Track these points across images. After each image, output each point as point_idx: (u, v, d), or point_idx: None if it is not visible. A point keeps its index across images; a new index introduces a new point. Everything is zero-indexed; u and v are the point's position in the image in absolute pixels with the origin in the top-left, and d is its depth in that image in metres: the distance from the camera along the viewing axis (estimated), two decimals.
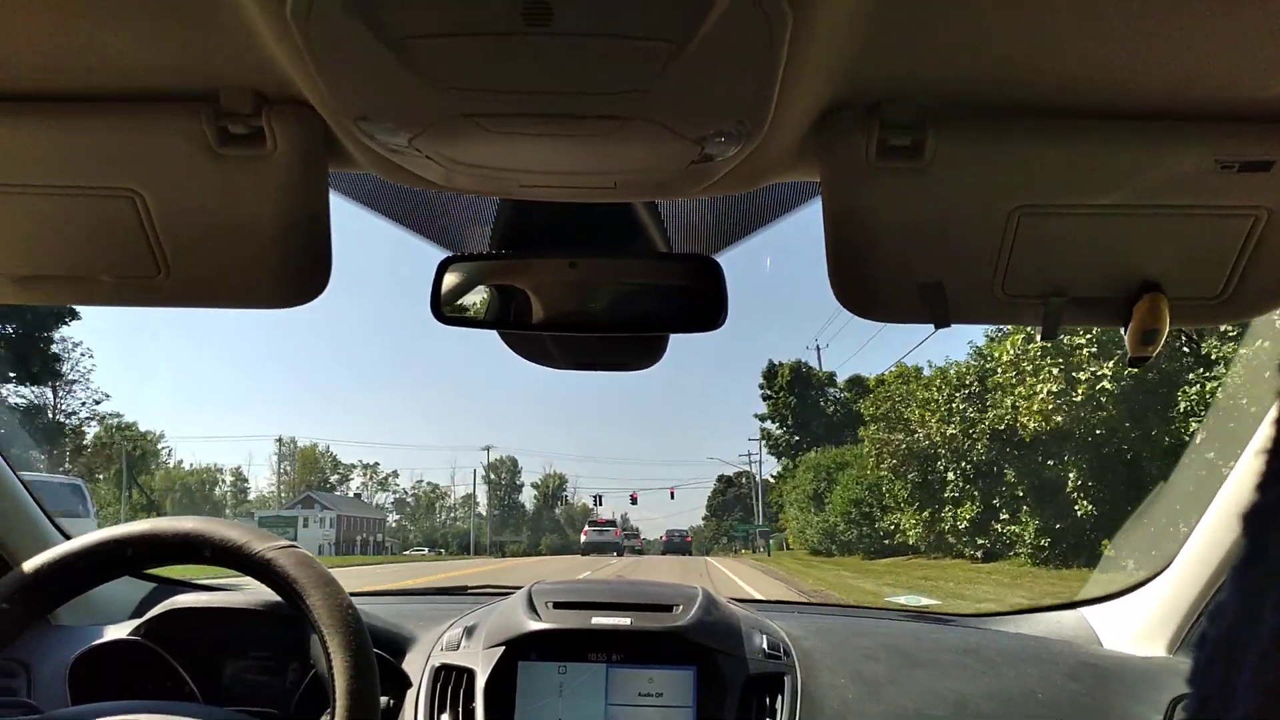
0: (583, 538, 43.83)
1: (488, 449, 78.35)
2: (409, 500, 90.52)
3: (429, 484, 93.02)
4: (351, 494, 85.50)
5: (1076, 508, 17.19)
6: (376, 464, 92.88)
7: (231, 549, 1.02)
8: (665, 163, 0.91)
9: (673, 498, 73.60)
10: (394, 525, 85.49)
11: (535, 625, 1.42)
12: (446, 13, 0.66)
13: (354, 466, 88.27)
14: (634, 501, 69.02)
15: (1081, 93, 0.83)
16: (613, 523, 50.96)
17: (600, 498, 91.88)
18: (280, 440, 72.98)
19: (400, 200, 1.24)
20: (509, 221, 1.21)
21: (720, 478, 78.97)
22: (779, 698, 1.37)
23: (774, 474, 55.77)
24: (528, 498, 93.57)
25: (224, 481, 78.19)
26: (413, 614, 1.62)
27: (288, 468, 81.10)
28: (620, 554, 41.50)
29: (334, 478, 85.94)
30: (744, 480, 72.27)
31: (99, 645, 1.39)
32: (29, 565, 1.03)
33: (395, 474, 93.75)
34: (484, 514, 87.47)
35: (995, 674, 1.42)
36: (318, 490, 74.20)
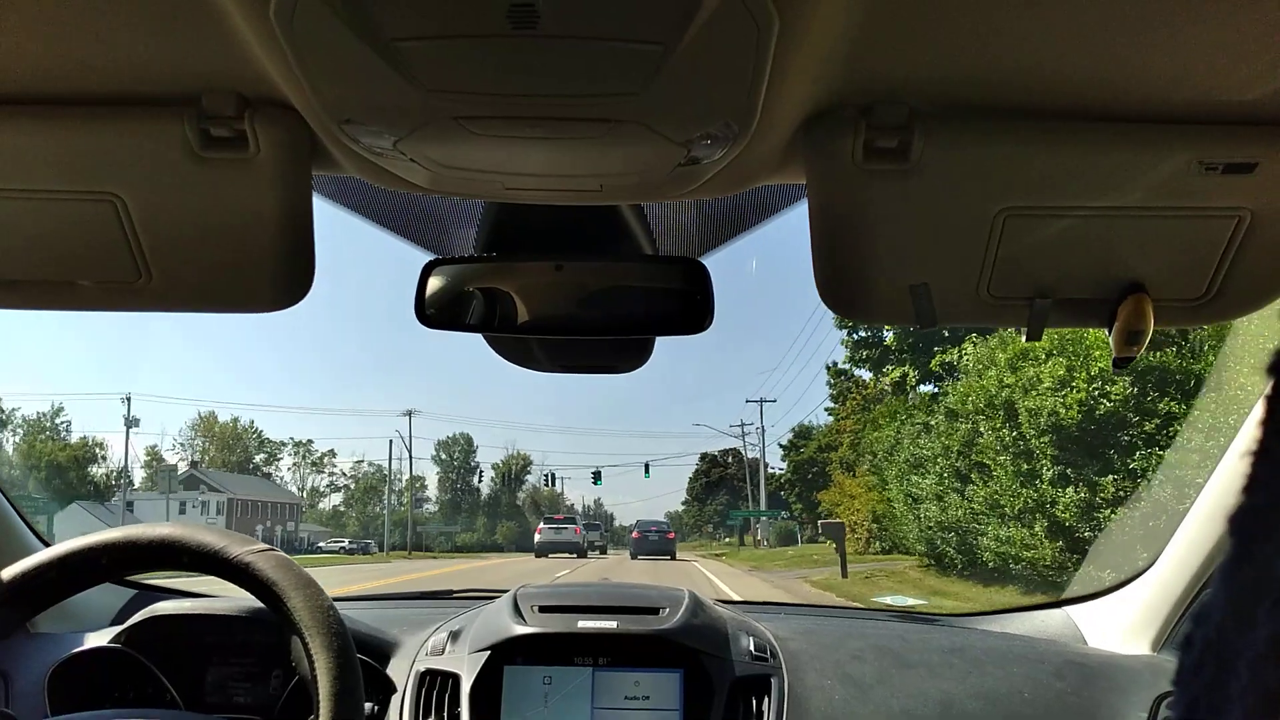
0: (536, 537, 35.51)
1: (410, 414, 59.37)
2: (349, 484, 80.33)
3: (370, 464, 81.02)
4: (281, 475, 76.62)
5: None
6: (310, 441, 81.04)
7: (209, 554, 1.01)
8: (652, 165, 0.91)
9: (647, 474, 60.84)
10: (329, 512, 77.00)
11: (521, 629, 1.42)
12: (431, 15, 0.65)
13: (283, 444, 79.06)
14: (597, 480, 54.98)
15: (1067, 96, 0.83)
16: (571, 519, 39.58)
17: (554, 476, 78.03)
18: (128, 399, 51.88)
19: (384, 203, 1.23)
20: (494, 224, 1.20)
21: (703, 456, 68.85)
22: (766, 700, 1.37)
23: (786, 442, 46.25)
24: (486, 480, 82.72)
25: (103, 458, 61.83)
26: (396, 619, 1.61)
27: (201, 443, 72.11)
28: (582, 555, 34.05)
29: (259, 457, 76.71)
30: (731, 460, 63.60)
31: (79, 653, 1.37)
32: (5, 574, 1.02)
33: (332, 453, 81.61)
34: (434, 499, 79.10)
35: (982, 673, 1.43)
36: (208, 469, 63.68)
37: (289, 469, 79.47)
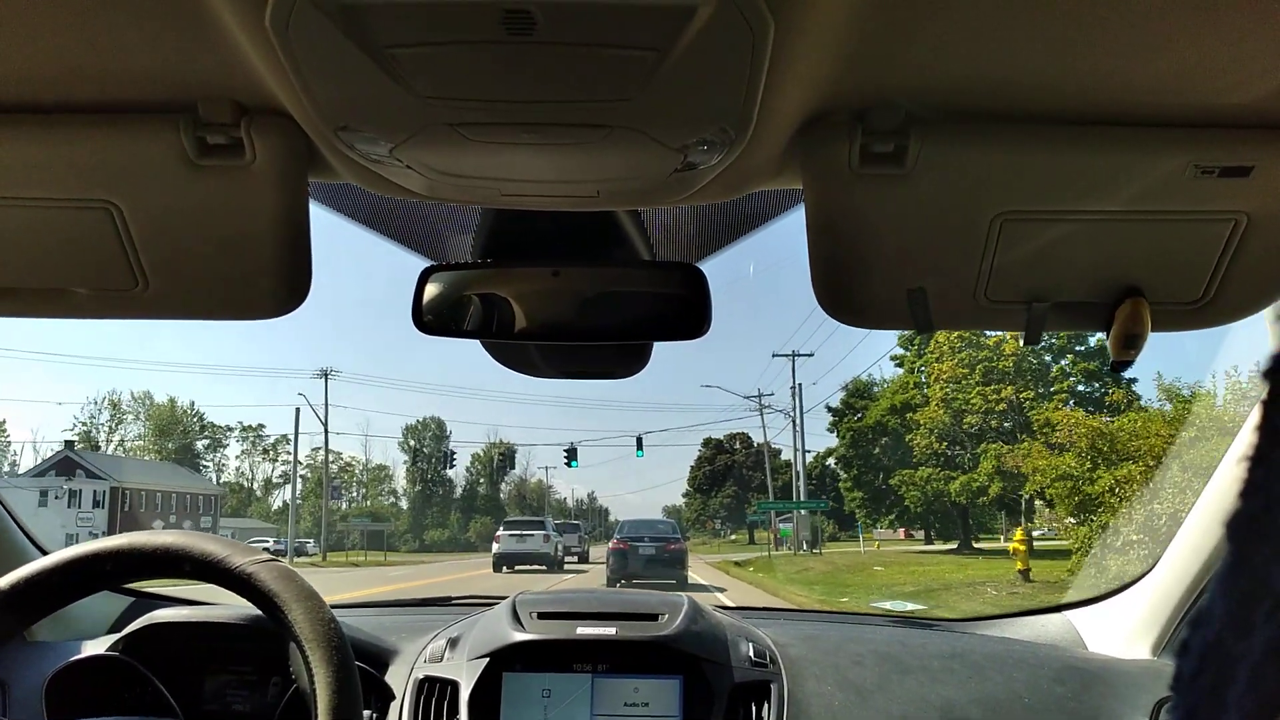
0: (495, 545, 26.48)
1: (326, 373, 44.78)
2: (305, 472, 68.35)
3: (332, 451, 69.19)
4: (232, 462, 68.36)
5: None
6: (261, 426, 71.66)
7: (211, 563, 1.01)
8: (648, 171, 0.91)
9: (640, 451, 41.29)
10: (282, 506, 66.98)
11: (520, 636, 1.41)
12: (427, 22, 0.65)
13: (230, 430, 70.77)
14: (570, 460, 38.85)
15: (1062, 99, 0.83)
16: (539, 520, 28.93)
17: (512, 454, 66.69)
18: None
19: (381, 210, 1.23)
20: (491, 230, 1.21)
21: (707, 442, 60.69)
22: (765, 706, 1.36)
23: (839, 402, 35.21)
24: (458, 470, 72.84)
25: None
26: (395, 626, 1.60)
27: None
28: (554, 568, 25.25)
29: (201, 442, 68.72)
30: (738, 445, 57.29)
31: (77, 661, 1.37)
32: (4, 581, 1.02)
33: (285, 439, 70.01)
34: (401, 491, 72.13)
35: (982, 679, 1.43)
36: (90, 451, 54.51)
37: (236, 456, 72.93)
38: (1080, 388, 28.11)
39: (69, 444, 51.09)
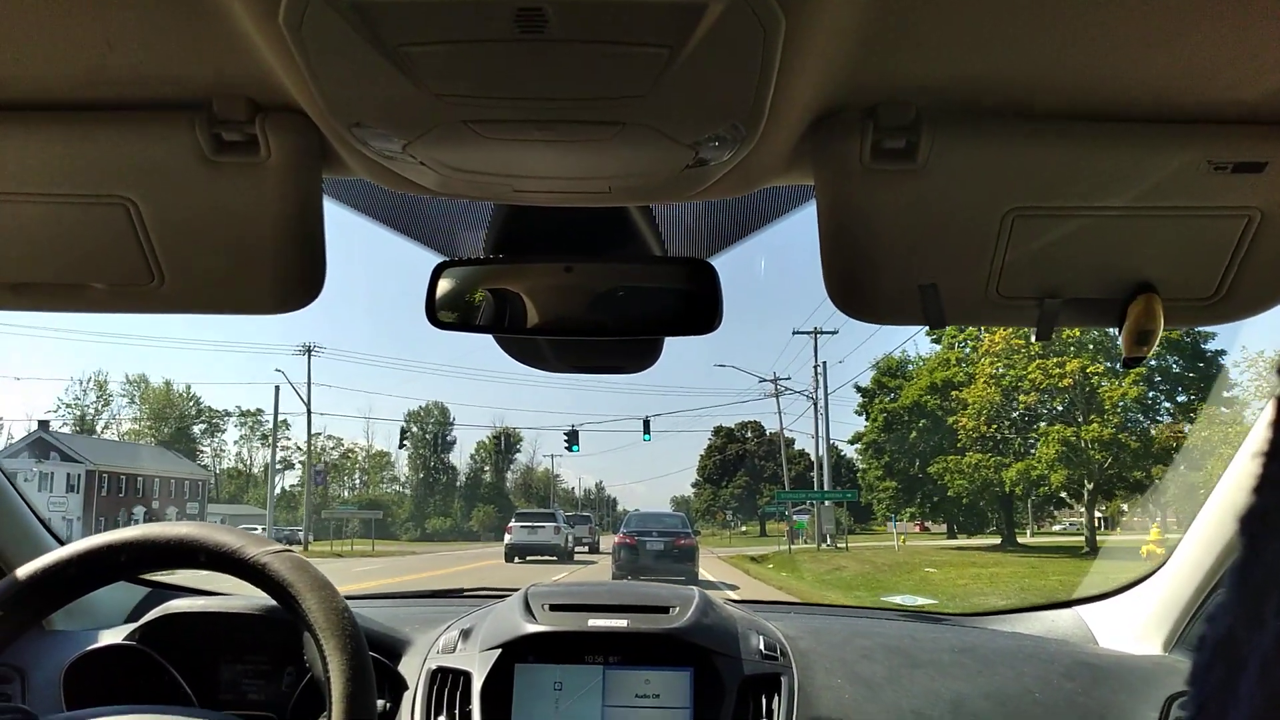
0: (507, 536, 25.82)
1: (309, 350, 41.97)
2: (304, 459, 62.65)
3: (329, 437, 68.80)
4: (231, 446, 66.57)
5: None
6: (259, 411, 69.01)
7: (226, 554, 1.02)
8: (660, 167, 0.91)
9: (647, 435, 38.47)
10: (281, 492, 63.41)
11: (532, 628, 1.42)
12: (439, 19, 0.66)
13: (228, 414, 69.69)
14: (571, 444, 36.54)
15: (1075, 95, 0.83)
16: (550, 513, 28.22)
17: (506, 436, 65.48)
18: None
19: (395, 206, 1.24)
20: (504, 226, 1.21)
21: (717, 430, 59.61)
22: (775, 698, 1.37)
23: (871, 381, 32.25)
24: (462, 457, 72.30)
25: None
26: (409, 617, 1.62)
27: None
28: (565, 559, 25.10)
29: (198, 427, 67.43)
30: (750, 434, 56.10)
31: (94, 650, 1.39)
32: (23, 571, 1.03)
33: (285, 424, 64.04)
34: (405, 479, 70.78)
35: (992, 673, 1.43)
36: (78, 435, 52.98)
37: (235, 441, 71.07)
38: (1153, 362, 24.04)
39: (43, 424, 48.33)
